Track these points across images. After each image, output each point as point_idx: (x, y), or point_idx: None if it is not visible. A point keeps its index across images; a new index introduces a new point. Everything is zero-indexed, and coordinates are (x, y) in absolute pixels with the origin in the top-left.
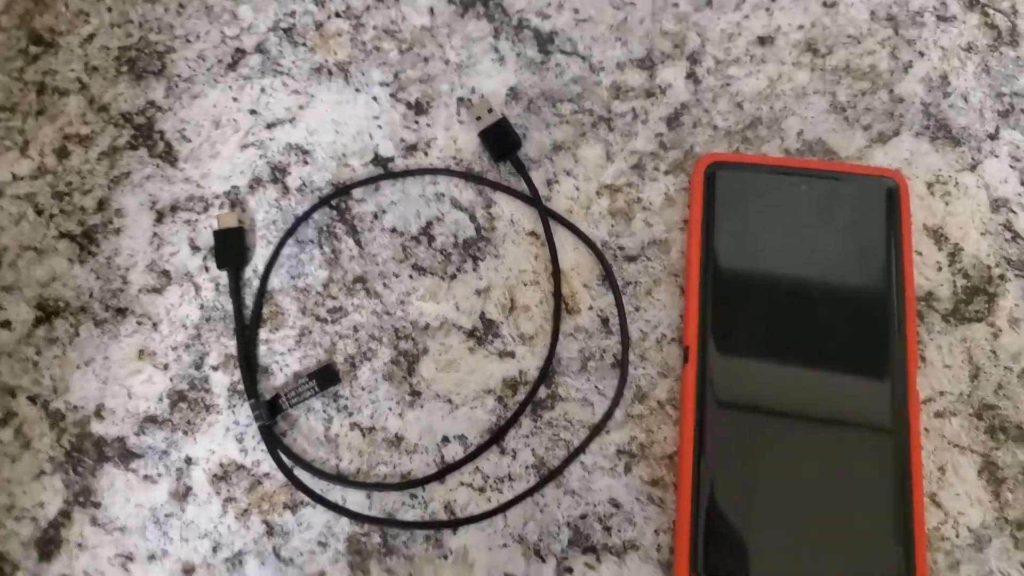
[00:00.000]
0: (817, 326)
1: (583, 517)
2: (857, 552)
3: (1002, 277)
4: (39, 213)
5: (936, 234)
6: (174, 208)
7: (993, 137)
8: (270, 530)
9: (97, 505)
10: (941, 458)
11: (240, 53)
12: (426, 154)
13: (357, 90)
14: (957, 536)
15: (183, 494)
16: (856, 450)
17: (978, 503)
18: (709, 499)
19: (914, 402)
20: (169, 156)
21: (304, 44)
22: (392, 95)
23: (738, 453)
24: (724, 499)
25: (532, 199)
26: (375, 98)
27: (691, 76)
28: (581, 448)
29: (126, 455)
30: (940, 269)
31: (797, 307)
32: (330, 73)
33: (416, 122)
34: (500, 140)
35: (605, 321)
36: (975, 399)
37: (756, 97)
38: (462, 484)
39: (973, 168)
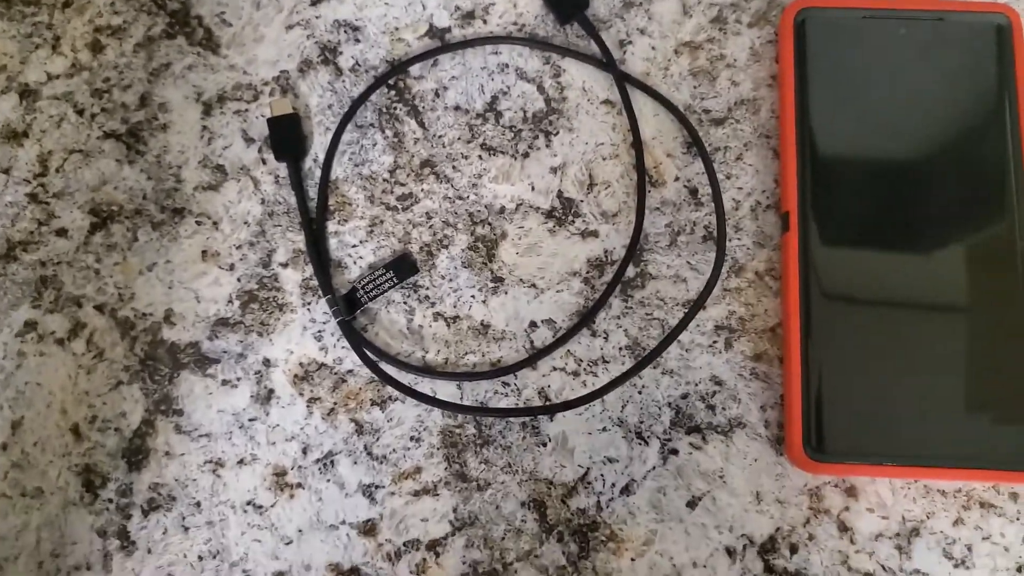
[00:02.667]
0: (927, 184)
1: (684, 397)
2: (984, 418)
3: None
4: (80, 113)
5: None
6: (221, 98)
7: None
8: (359, 428)
9: (180, 413)
10: None
11: None
12: (485, 21)
13: None
14: None
15: (265, 397)
16: (979, 314)
17: None
18: (819, 371)
19: None
20: (210, 43)
21: None
22: None
23: (847, 322)
24: (835, 370)
25: (605, 63)
26: None
27: None
28: (681, 327)
29: (202, 360)
30: None
31: (903, 163)
32: None
33: None
34: None
35: (694, 192)
36: None
37: None
38: (555, 369)
39: None
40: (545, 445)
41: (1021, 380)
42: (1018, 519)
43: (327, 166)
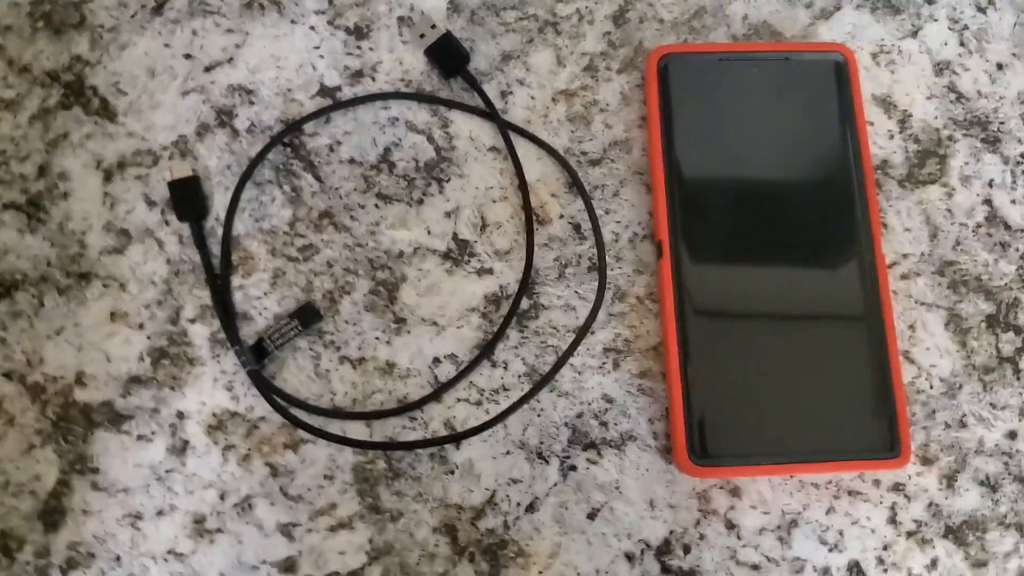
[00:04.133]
0: (783, 205)
1: (579, 416)
2: (844, 416)
3: (951, 138)
4: None
5: (885, 103)
6: (121, 165)
7: (931, 1)
8: (274, 471)
9: (95, 471)
10: (910, 317)
11: None
12: (373, 79)
13: (293, 21)
14: (931, 387)
15: (181, 448)
16: (834, 320)
17: (947, 354)
18: (698, 383)
19: (882, 267)
20: (107, 112)
21: None
22: (330, 22)
23: (721, 337)
24: (712, 382)
25: (488, 113)
26: (312, 27)
27: None
28: (570, 351)
29: (116, 418)
30: (892, 137)
31: (761, 188)
32: (262, 7)
33: (358, 47)
34: (447, 56)
35: (577, 227)
36: (936, 257)
37: None
38: (459, 400)
39: (915, 34)
40: (453, 473)
41: (873, 378)
42: (881, 503)
43: (228, 223)
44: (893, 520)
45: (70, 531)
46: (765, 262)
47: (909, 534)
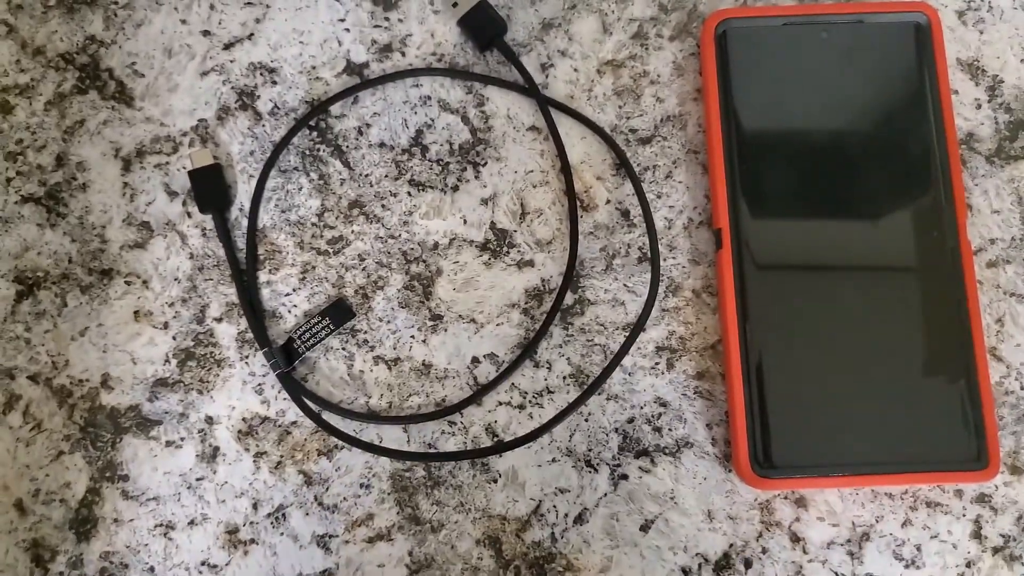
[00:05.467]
0: (856, 186)
1: (631, 421)
2: (925, 422)
3: None
4: None
5: (972, 68)
6: (140, 153)
7: None
8: (308, 480)
9: (125, 478)
10: (998, 310)
11: None
12: (403, 54)
13: None
14: (1021, 388)
15: (211, 455)
16: (912, 315)
17: None
18: (762, 386)
19: (967, 255)
20: (123, 95)
21: None
22: None
23: (786, 335)
24: (777, 384)
25: (528, 89)
26: None
27: None
28: (623, 351)
29: (144, 423)
30: (980, 107)
31: (833, 168)
32: None
33: (386, 19)
34: (482, 26)
35: (625, 214)
36: None
37: None
38: (500, 404)
39: None
40: (496, 481)
41: (954, 383)
42: (964, 515)
43: (253, 215)
44: (978, 534)
45: (102, 541)
46: (836, 251)
47: (996, 550)
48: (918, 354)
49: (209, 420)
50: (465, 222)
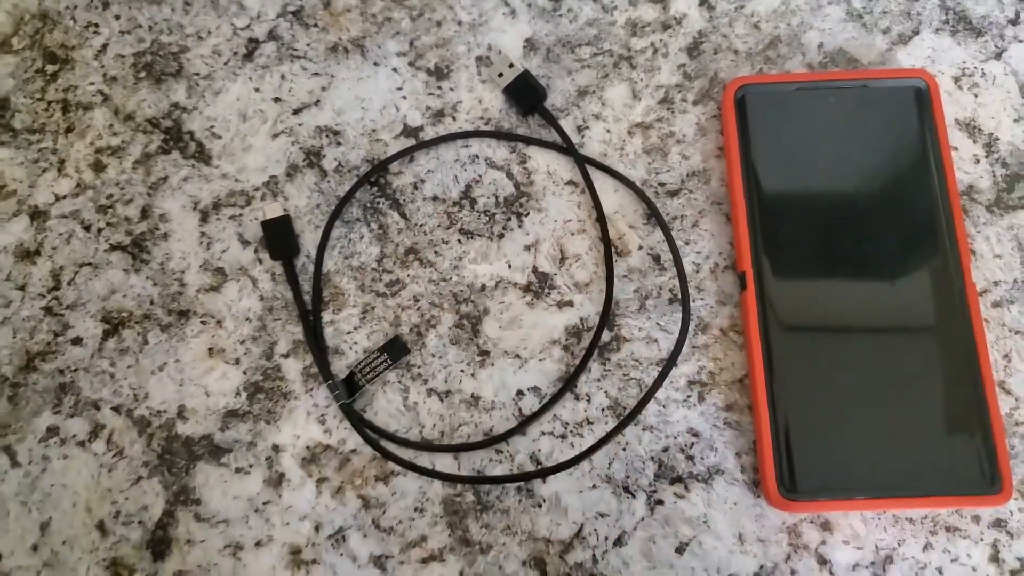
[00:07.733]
0: (867, 234)
1: (665, 450)
2: (939, 449)
3: None
4: (87, 229)
5: (969, 127)
6: (216, 205)
7: (1014, 22)
8: (366, 504)
9: (198, 502)
10: (1004, 346)
11: (254, 43)
12: (454, 118)
13: (376, 64)
14: None
15: (277, 481)
16: (924, 351)
17: None
18: (786, 416)
19: (972, 295)
20: (202, 155)
21: (315, 25)
22: (411, 64)
23: (808, 368)
24: (801, 414)
25: (566, 148)
26: (395, 69)
27: (704, 3)
28: (657, 385)
29: (215, 451)
30: (978, 161)
31: (844, 217)
32: (346, 51)
33: (439, 87)
34: (525, 93)
35: (656, 259)
36: None
37: (772, 16)
38: (543, 433)
39: (998, 56)
40: (540, 506)
41: (967, 413)
42: (982, 540)
43: (319, 261)
44: (996, 558)
45: (176, 560)
46: (851, 292)
47: (1013, 573)
48: (933, 386)
49: (275, 448)
50: (510, 266)
